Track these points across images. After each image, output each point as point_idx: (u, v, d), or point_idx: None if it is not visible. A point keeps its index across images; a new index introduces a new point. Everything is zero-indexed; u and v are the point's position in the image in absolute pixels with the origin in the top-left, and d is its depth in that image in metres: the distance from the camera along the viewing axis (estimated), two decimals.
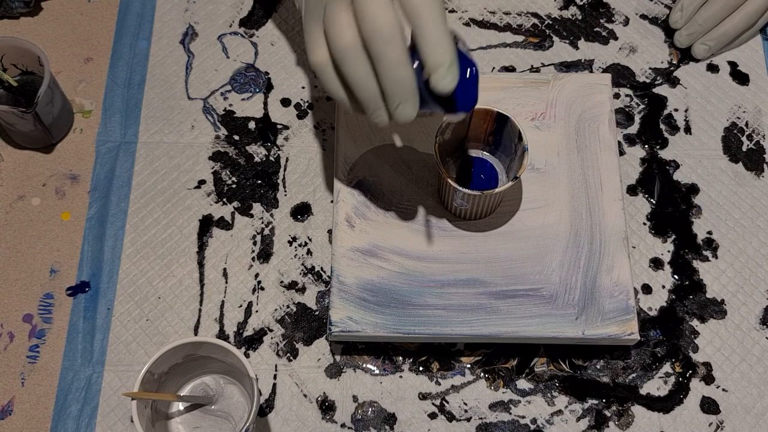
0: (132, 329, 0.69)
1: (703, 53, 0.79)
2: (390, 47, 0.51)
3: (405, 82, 0.52)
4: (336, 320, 0.64)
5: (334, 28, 0.52)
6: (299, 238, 0.72)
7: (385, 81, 0.52)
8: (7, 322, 0.69)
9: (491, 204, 0.66)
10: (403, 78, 0.52)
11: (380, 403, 0.66)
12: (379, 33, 0.50)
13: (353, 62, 0.52)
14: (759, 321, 0.69)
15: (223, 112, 0.77)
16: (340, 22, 0.52)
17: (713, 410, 0.66)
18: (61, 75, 0.78)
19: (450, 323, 0.64)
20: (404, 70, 0.52)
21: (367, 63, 0.52)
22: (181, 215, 0.73)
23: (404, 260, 0.67)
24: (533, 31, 0.81)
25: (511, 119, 0.64)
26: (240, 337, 0.68)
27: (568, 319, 0.65)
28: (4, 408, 0.66)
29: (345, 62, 0.53)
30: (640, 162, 0.75)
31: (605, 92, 0.73)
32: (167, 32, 0.81)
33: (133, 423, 0.56)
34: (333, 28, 0.52)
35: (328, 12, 0.53)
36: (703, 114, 0.77)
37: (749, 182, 0.75)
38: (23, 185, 0.74)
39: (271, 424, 0.66)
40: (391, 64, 0.51)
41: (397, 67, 0.51)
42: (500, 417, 0.66)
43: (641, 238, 0.72)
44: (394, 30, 0.50)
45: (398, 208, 0.69)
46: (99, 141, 0.76)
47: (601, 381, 0.67)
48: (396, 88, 0.52)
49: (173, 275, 0.71)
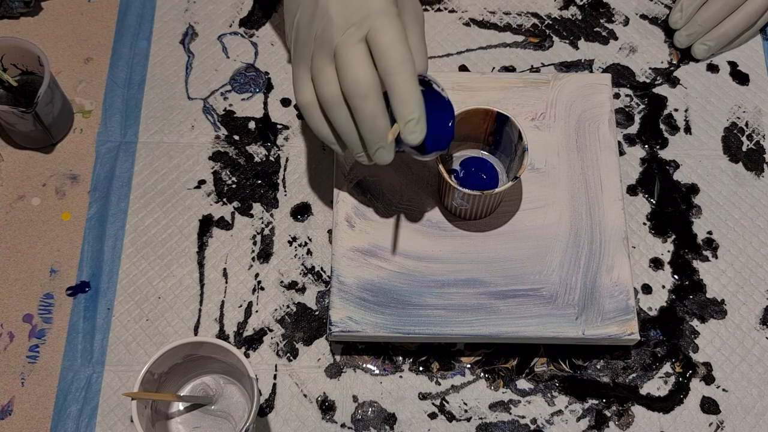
0: (132, 329, 0.69)
1: (703, 53, 0.79)
2: (367, 101, 0.56)
3: (381, 132, 0.57)
4: (336, 320, 0.64)
5: (319, 80, 0.58)
6: (299, 238, 0.72)
7: (363, 131, 0.58)
8: (7, 322, 0.69)
9: (491, 204, 0.66)
10: (378, 128, 0.57)
11: (380, 403, 0.66)
12: (357, 89, 0.56)
13: (336, 111, 0.58)
14: (759, 321, 0.69)
15: (223, 112, 0.77)
16: (325, 75, 0.57)
17: (713, 410, 0.66)
18: (61, 75, 0.78)
19: (450, 323, 0.64)
20: (380, 121, 0.57)
21: (348, 113, 0.58)
22: (181, 215, 0.73)
23: (404, 260, 0.67)
24: (533, 31, 0.81)
25: (511, 119, 0.64)
26: (240, 337, 0.68)
27: (568, 319, 0.65)
28: (4, 408, 0.66)
29: (329, 111, 0.58)
30: (640, 162, 0.75)
31: (605, 92, 0.73)
32: (167, 32, 0.81)
33: (133, 423, 0.56)
34: (318, 80, 0.58)
35: (314, 64, 0.58)
36: (703, 114, 0.77)
37: (749, 182, 0.75)
38: (23, 185, 0.74)
39: (271, 424, 0.66)
40: (368, 118, 0.57)
41: (373, 120, 0.57)
42: (500, 417, 0.66)
43: (641, 238, 0.72)
44: (370, 86, 0.56)
45: (398, 208, 0.69)
46: (99, 141, 0.76)
47: (601, 381, 0.67)
48: (373, 137, 0.58)
49: (173, 275, 0.71)
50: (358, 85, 0.55)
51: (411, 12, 0.60)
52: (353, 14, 0.56)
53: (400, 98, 0.55)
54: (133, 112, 0.77)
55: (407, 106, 0.55)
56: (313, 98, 0.59)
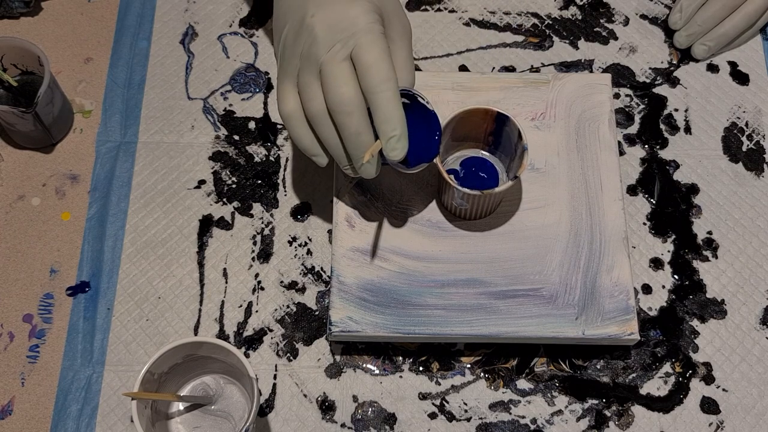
0: (132, 329, 0.69)
1: (703, 54, 0.79)
2: (351, 118, 0.57)
3: (365, 148, 0.58)
4: (336, 320, 0.64)
5: (306, 95, 0.59)
6: (299, 238, 0.72)
7: (348, 146, 0.59)
8: (7, 322, 0.69)
9: (491, 204, 0.66)
10: (363, 144, 0.58)
11: (380, 403, 0.66)
12: (341, 106, 0.57)
13: (323, 126, 0.59)
14: (759, 321, 0.69)
15: (223, 112, 0.77)
16: (312, 90, 0.59)
17: (713, 410, 0.66)
18: (61, 75, 0.78)
19: (450, 323, 0.64)
20: (364, 138, 0.58)
21: (334, 128, 0.59)
22: (181, 215, 0.73)
23: (404, 260, 0.67)
24: (533, 31, 0.81)
25: (511, 119, 0.64)
26: (240, 337, 0.68)
27: (568, 319, 0.65)
28: (4, 408, 0.66)
29: (316, 125, 0.60)
30: (640, 162, 0.75)
31: (605, 92, 0.73)
32: (167, 32, 0.81)
33: (133, 423, 0.56)
34: (305, 95, 0.59)
35: (300, 79, 0.60)
36: (703, 114, 0.77)
37: (749, 182, 0.75)
38: (23, 185, 0.74)
39: (271, 424, 0.66)
40: (353, 134, 0.58)
41: (357, 136, 0.58)
42: (500, 417, 0.66)
43: (641, 238, 0.72)
44: (353, 104, 0.57)
45: (398, 208, 0.69)
46: (99, 141, 0.76)
47: (601, 381, 0.67)
48: (357, 153, 0.59)
49: (173, 275, 0.71)
50: (342, 102, 0.57)
51: (398, 27, 0.61)
52: (338, 32, 0.57)
53: (383, 116, 0.56)
54: (133, 112, 0.77)
55: (389, 123, 0.56)
56: (295, 110, 0.60)
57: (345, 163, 0.61)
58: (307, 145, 0.61)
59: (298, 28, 0.59)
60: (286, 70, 0.61)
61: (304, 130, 0.61)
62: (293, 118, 0.61)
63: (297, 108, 0.60)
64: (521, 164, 0.63)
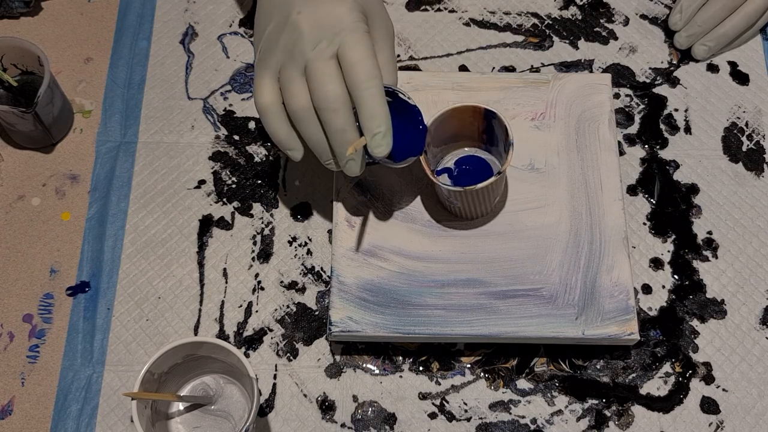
0: (132, 329, 0.69)
1: (703, 54, 0.79)
2: (336, 115, 0.58)
3: (349, 145, 0.59)
4: (336, 320, 0.64)
5: (289, 90, 0.59)
6: (299, 238, 0.72)
7: (333, 143, 0.60)
8: (7, 322, 0.69)
9: (483, 201, 0.66)
10: (347, 141, 0.59)
11: (380, 403, 0.66)
12: (327, 103, 0.58)
13: (307, 123, 0.60)
14: (759, 321, 0.69)
15: (223, 112, 0.77)
16: (295, 86, 0.59)
17: (713, 410, 0.66)
18: (61, 75, 0.78)
19: (450, 323, 0.64)
20: (349, 135, 0.59)
21: (318, 124, 0.59)
22: (181, 215, 0.73)
23: (404, 260, 0.67)
24: (533, 31, 0.81)
25: (499, 115, 0.64)
26: (240, 337, 0.68)
27: (568, 319, 0.65)
28: (4, 408, 0.66)
29: (299, 122, 0.60)
30: (640, 162, 0.75)
31: (605, 92, 0.73)
32: (167, 32, 0.81)
33: (133, 423, 0.56)
34: (288, 90, 0.59)
35: (283, 75, 0.60)
36: (703, 114, 0.77)
37: (749, 182, 0.75)
38: (23, 185, 0.74)
39: (271, 424, 0.66)
40: (338, 131, 0.59)
41: (342, 133, 0.59)
42: (500, 417, 0.66)
43: (641, 238, 0.72)
44: (339, 101, 0.58)
45: (398, 208, 0.69)
46: (99, 141, 0.76)
47: (601, 381, 0.67)
48: (342, 150, 0.59)
49: (173, 275, 0.71)
50: (328, 99, 0.57)
51: (381, 28, 0.62)
52: (324, 30, 0.58)
53: (368, 113, 0.57)
54: (133, 112, 0.77)
55: (374, 120, 0.57)
56: (272, 103, 0.61)
57: (328, 157, 0.61)
58: (282, 138, 0.62)
59: (283, 24, 0.60)
60: (266, 62, 0.61)
61: (280, 124, 0.61)
62: (270, 111, 0.61)
63: (275, 101, 0.61)
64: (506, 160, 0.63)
